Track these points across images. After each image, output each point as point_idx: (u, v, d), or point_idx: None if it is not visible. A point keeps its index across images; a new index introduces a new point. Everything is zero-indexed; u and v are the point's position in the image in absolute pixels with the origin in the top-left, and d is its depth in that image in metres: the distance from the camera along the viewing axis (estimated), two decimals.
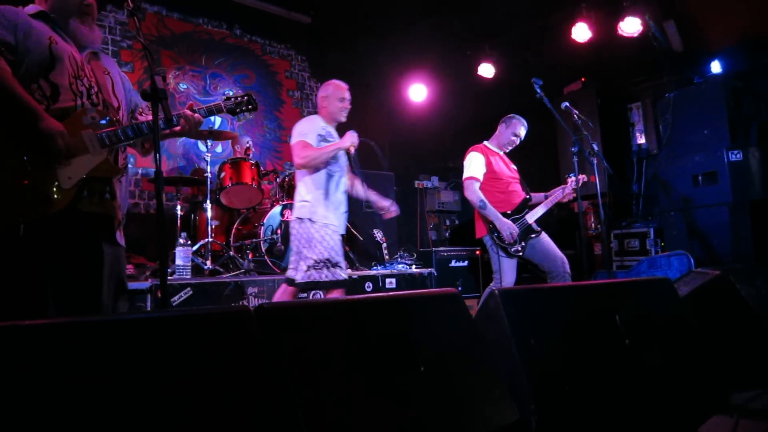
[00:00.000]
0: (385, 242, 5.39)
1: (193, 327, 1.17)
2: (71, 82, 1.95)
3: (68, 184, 1.87)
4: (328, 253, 3.19)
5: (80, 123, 1.92)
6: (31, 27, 1.92)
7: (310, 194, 3.29)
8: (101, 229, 2.00)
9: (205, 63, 5.98)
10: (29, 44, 1.89)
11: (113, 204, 2.02)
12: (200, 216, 4.64)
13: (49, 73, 1.90)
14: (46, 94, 1.90)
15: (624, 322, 1.77)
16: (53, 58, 1.91)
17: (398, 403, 1.34)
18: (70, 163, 1.87)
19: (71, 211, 1.88)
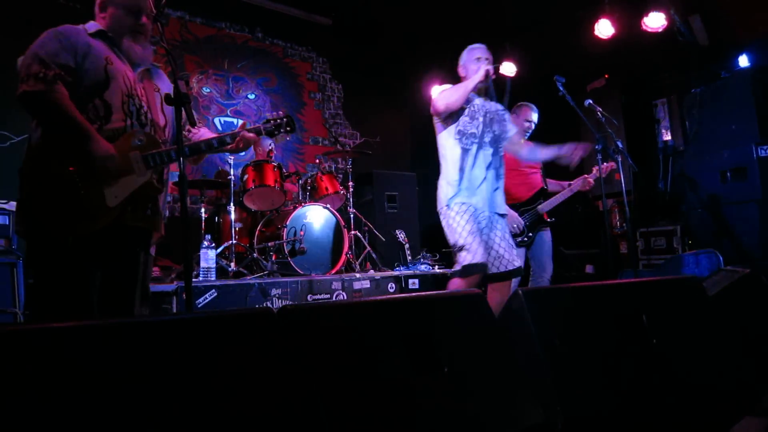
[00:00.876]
0: (407, 243, 5.39)
1: (217, 328, 1.18)
2: (123, 101, 2.03)
3: (114, 203, 1.96)
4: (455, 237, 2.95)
5: (128, 144, 2.00)
6: (89, 47, 2.00)
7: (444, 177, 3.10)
8: (140, 241, 2.10)
9: (228, 67, 6.04)
10: (87, 65, 1.97)
11: (154, 219, 2.11)
12: (224, 218, 4.68)
13: (104, 93, 1.99)
14: (100, 114, 1.98)
15: (651, 322, 1.75)
16: (108, 78, 1.99)
17: (421, 404, 1.34)
18: (117, 183, 1.97)
19: (116, 225, 1.98)
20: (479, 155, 3.02)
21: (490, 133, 3.08)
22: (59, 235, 1.88)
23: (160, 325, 1.13)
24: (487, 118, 3.07)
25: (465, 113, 3.05)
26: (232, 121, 5.96)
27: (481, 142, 3.03)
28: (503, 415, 1.46)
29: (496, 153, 3.10)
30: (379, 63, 6.89)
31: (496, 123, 3.11)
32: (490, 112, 3.11)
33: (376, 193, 5.84)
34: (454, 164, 3.05)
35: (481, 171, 3.01)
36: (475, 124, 3.05)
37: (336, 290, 4.09)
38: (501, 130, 3.15)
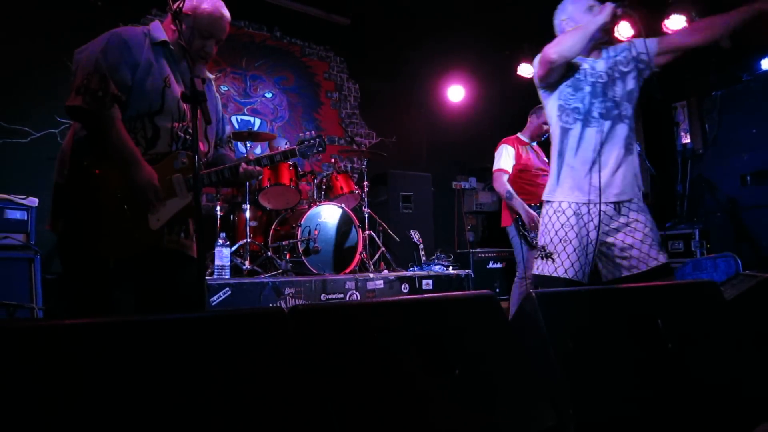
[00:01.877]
0: (421, 243, 5.39)
1: (228, 328, 1.19)
2: (174, 126, 2.03)
3: (156, 226, 1.97)
4: (544, 238, 2.54)
5: (171, 167, 2.02)
6: (152, 64, 1.98)
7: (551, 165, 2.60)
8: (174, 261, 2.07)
9: (246, 65, 6.07)
10: (147, 84, 1.96)
11: (185, 242, 2.11)
12: (239, 216, 4.71)
13: (156, 117, 1.99)
14: (147, 136, 1.98)
15: (666, 326, 1.73)
16: (163, 103, 1.99)
17: (432, 406, 1.33)
18: (162, 206, 1.97)
19: (154, 247, 1.98)
20: (585, 134, 2.46)
21: (604, 102, 2.46)
22: (102, 256, 1.88)
23: (169, 323, 1.14)
24: (598, 84, 2.48)
25: (567, 83, 2.50)
26: (249, 119, 6.00)
27: (587, 117, 2.46)
28: (515, 417, 1.45)
29: (616, 122, 2.47)
30: (396, 63, 6.89)
31: (613, 83, 2.48)
32: (602, 72, 2.50)
33: (391, 193, 5.85)
34: (554, 148, 2.57)
35: (589, 153, 2.44)
36: (580, 96, 2.48)
37: (349, 290, 4.10)
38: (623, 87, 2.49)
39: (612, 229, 2.45)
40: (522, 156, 4.25)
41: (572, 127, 2.49)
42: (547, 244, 2.50)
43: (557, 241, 2.46)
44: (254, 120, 6.04)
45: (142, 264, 1.97)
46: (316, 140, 2.37)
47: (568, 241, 2.44)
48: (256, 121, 6.05)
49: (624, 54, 2.53)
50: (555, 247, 2.46)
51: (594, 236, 2.43)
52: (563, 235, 2.45)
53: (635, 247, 2.40)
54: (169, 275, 2.05)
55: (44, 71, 4.42)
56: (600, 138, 2.44)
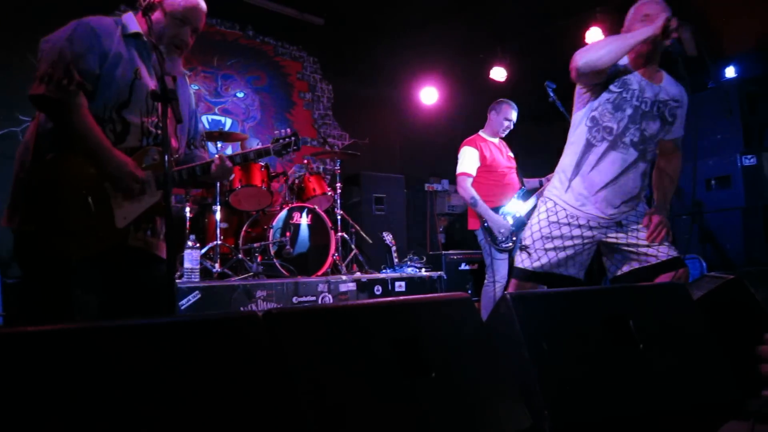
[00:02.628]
0: (394, 245, 5.38)
1: (202, 332, 1.16)
2: (143, 121, 1.96)
3: (123, 224, 1.90)
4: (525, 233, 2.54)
5: (141, 163, 1.95)
6: (122, 55, 1.91)
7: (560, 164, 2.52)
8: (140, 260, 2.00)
9: (217, 64, 5.99)
10: (116, 74, 1.89)
11: (152, 241, 2.03)
12: (209, 218, 4.63)
13: (124, 110, 1.91)
14: (116, 131, 1.91)
15: (638, 327, 1.75)
16: (131, 96, 1.92)
17: (409, 409, 1.32)
18: (127, 203, 1.90)
19: (120, 246, 1.91)
20: (607, 157, 2.34)
21: (637, 132, 2.32)
22: (63, 254, 1.81)
23: (140, 329, 1.11)
24: (640, 110, 2.30)
25: (609, 97, 2.33)
26: (220, 119, 5.92)
27: (616, 140, 2.32)
28: (491, 420, 1.44)
29: (642, 158, 2.36)
30: (370, 65, 6.88)
31: (652, 118, 2.32)
32: (649, 101, 2.33)
33: (364, 195, 5.84)
34: (572, 156, 2.45)
35: (603, 177, 2.35)
36: (617, 117, 2.31)
37: (322, 292, 4.07)
38: (660, 127, 2.36)
39: (614, 231, 2.44)
40: (486, 157, 4.17)
41: (598, 146, 2.38)
42: (526, 238, 2.51)
43: (538, 237, 2.46)
44: (225, 120, 5.96)
45: (106, 263, 1.90)
46: (291, 138, 2.31)
47: (550, 239, 2.44)
48: (227, 121, 5.97)
49: (675, 103, 2.40)
50: (534, 242, 2.47)
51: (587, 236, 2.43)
52: (547, 233, 2.45)
53: (642, 245, 2.40)
54: (135, 275, 1.98)
55: (5, 67, 4.29)
56: (622, 166, 2.34)
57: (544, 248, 2.45)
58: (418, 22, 6.23)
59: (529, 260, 2.48)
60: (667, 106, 2.39)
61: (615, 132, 2.33)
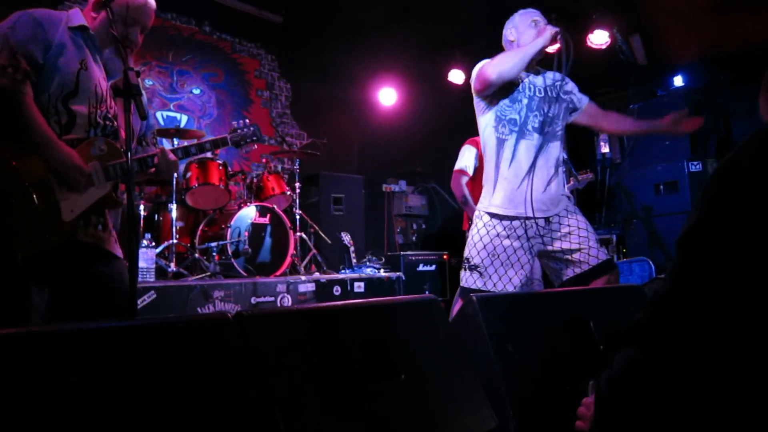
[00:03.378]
0: (352, 245, 5.37)
1: (170, 335, 1.13)
2: (91, 112, 1.89)
3: (70, 217, 1.82)
4: (470, 250, 2.56)
5: (87, 153, 1.87)
6: (64, 47, 1.84)
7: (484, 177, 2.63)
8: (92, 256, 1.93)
9: (173, 59, 5.84)
10: (60, 63, 1.82)
11: (103, 236, 1.96)
12: (164, 216, 4.52)
13: (70, 100, 1.84)
14: (61, 122, 1.84)
15: (598, 329, 1.80)
16: (77, 86, 1.85)
17: (379, 410, 1.32)
18: (74, 195, 1.82)
19: (68, 240, 1.83)
20: (519, 146, 2.51)
21: (539, 117, 2.54)
22: (8, 251, 1.72)
23: (104, 332, 1.07)
24: (535, 98, 2.56)
25: (505, 95, 2.56)
26: (175, 116, 5.78)
27: (522, 129, 2.52)
28: (458, 420, 1.46)
29: (549, 139, 2.55)
30: (328, 64, 6.85)
31: (549, 101, 2.57)
32: (540, 88, 2.59)
33: (323, 195, 5.80)
34: (489, 160, 2.59)
35: (522, 166, 2.50)
36: (517, 108, 2.53)
37: (281, 293, 4.02)
38: (557, 108, 2.59)
39: (549, 238, 2.53)
40: None
41: (507, 138, 2.53)
42: (473, 257, 2.55)
43: (485, 255, 2.51)
44: (181, 116, 5.82)
45: (54, 259, 1.82)
46: (250, 128, 2.24)
47: (496, 256, 2.49)
48: (182, 118, 5.83)
49: (560, 82, 2.61)
50: (482, 261, 2.51)
51: (526, 247, 2.51)
52: (491, 250, 2.50)
53: (575, 249, 2.50)
54: (87, 272, 1.90)
55: None
56: (534, 152, 2.50)
57: (493, 265, 2.50)
58: (377, 23, 6.24)
59: (481, 280, 2.51)
60: (555, 87, 2.60)
61: (518, 122, 2.53)
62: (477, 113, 2.69)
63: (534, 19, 2.63)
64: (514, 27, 2.67)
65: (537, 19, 2.63)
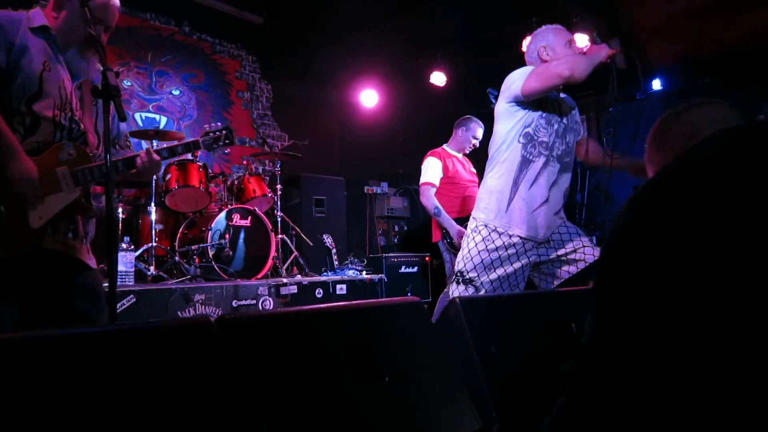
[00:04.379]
0: (334, 247, 5.36)
1: (153, 339, 1.11)
2: (55, 114, 1.84)
3: (38, 224, 1.77)
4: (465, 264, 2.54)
5: (56, 159, 1.82)
6: (27, 46, 1.79)
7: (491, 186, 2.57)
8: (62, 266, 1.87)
9: (152, 60, 5.78)
10: (23, 64, 1.77)
11: (74, 244, 1.90)
12: (143, 219, 4.46)
13: (33, 103, 1.79)
14: (25, 124, 1.78)
15: (580, 329, 1.81)
16: (41, 87, 1.80)
17: (363, 413, 1.32)
18: (42, 202, 1.77)
19: (35, 249, 1.78)
20: (544, 171, 2.48)
21: (562, 146, 2.53)
22: None
23: (82, 337, 1.05)
24: (561, 125, 2.54)
25: (542, 113, 2.50)
26: (154, 117, 5.71)
27: (549, 155, 2.49)
28: (442, 422, 1.46)
29: (564, 170, 2.55)
30: (310, 65, 6.83)
31: (570, 132, 2.56)
32: (567, 115, 2.57)
33: (304, 197, 5.78)
34: (506, 174, 2.53)
35: (542, 191, 2.48)
36: (549, 132, 2.49)
37: (262, 295, 4.00)
38: (573, 138, 2.58)
39: (545, 249, 2.56)
40: (449, 168, 4.20)
41: (535, 161, 2.49)
42: (469, 270, 2.52)
43: (482, 269, 2.49)
44: (160, 118, 5.76)
45: (22, 268, 1.76)
46: (222, 132, 2.22)
47: (494, 270, 2.48)
48: (162, 119, 5.77)
49: (575, 110, 2.64)
50: (479, 274, 2.49)
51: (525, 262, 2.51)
52: (489, 264, 2.49)
53: (570, 251, 2.54)
54: (56, 281, 1.84)
55: None
56: (553, 179, 2.50)
57: (489, 279, 2.49)
58: (358, 25, 6.24)
59: (476, 293, 2.50)
60: (573, 115, 2.64)
61: (548, 147, 2.49)
62: (500, 123, 2.59)
63: (569, 39, 2.60)
64: (549, 47, 2.58)
65: (571, 38, 2.61)
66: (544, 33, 2.66)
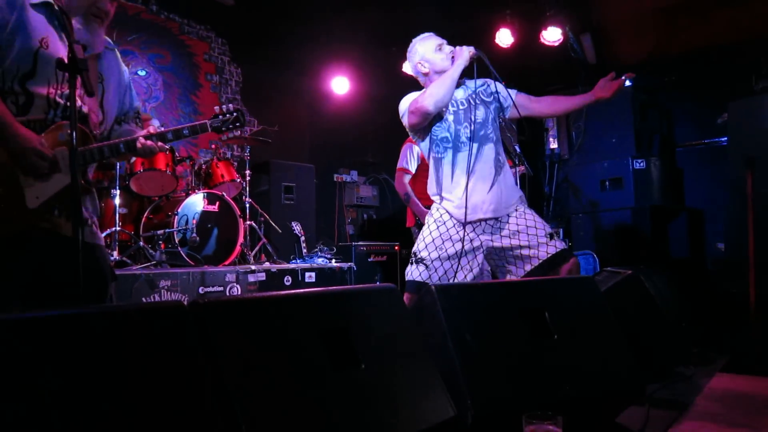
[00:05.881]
0: (303, 235, 5.31)
1: (124, 324, 1.07)
2: (50, 92, 1.76)
3: (34, 204, 1.71)
4: (418, 244, 2.64)
5: (55, 139, 1.76)
6: (26, 21, 1.71)
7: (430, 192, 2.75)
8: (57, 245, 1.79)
9: (117, 39, 5.57)
10: (17, 41, 1.69)
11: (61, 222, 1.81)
12: (106, 203, 4.32)
13: (27, 81, 1.72)
14: (18, 103, 1.72)
15: (553, 318, 1.82)
16: (36, 65, 1.72)
17: (339, 400, 1.30)
18: (39, 182, 1.72)
19: (32, 228, 1.72)
20: (457, 159, 2.61)
21: (468, 126, 2.61)
22: None
23: (56, 320, 1.00)
24: (459, 111, 2.64)
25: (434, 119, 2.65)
26: None
27: (456, 143, 2.61)
28: (417, 410, 1.45)
29: (483, 143, 2.62)
30: (281, 50, 6.71)
31: (474, 109, 2.63)
32: (462, 100, 2.66)
33: (273, 183, 5.70)
34: (431, 180, 2.72)
35: (462, 176, 2.58)
36: (445, 126, 2.63)
37: (230, 282, 3.93)
38: (484, 112, 2.65)
39: (498, 236, 2.59)
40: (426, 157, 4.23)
41: (444, 156, 2.64)
42: (420, 251, 2.61)
43: (432, 249, 2.56)
44: None
45: (16, 248, 1.71)
46: (233, 114, 2.13)
47: (444, 250, 2.55)
48: None
49: (484, 87, 2.69)
50: (429, 254, 2.56)
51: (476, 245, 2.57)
52: (439, 244, 2.56)
53: (524, 246, 2.55)
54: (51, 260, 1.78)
55: None
56: (470, 159, 2.57)
57: (439, 258, 2.55)
58: (331, 11, 6.16)
59: (426, 273, 2.56)
60: (477, 94, 2.67)
61: (450, 138, 2.62)
62: (421, 147, 2.78)
63: (438, 43, 2.70)
64: (422, 59, 2.71)
65: (440, 42, 2.70)
66: (413, 49, 2.77)
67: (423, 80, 2.77)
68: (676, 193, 5.26)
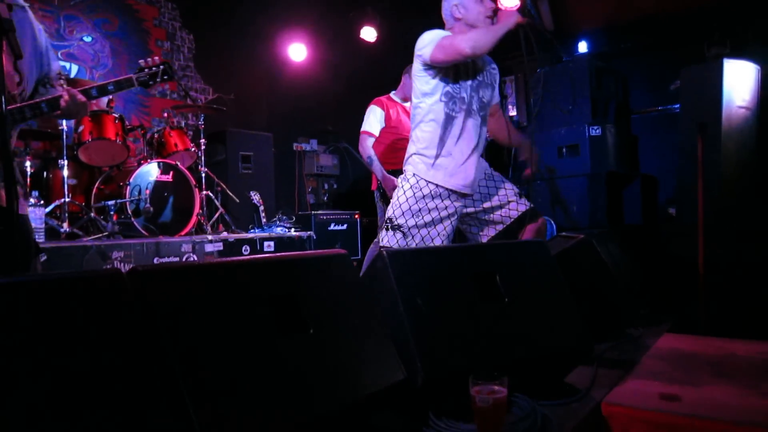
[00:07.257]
0: (262, 204, 5.24)
1: (57, 293, 1.03)
2: None
3: None
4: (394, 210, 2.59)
5: None
6: None
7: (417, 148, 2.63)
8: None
9: (59, 3, 5.33)
10: None
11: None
12: (54, 174, 4.18)
13: None
14: None
15: (504, 282, 1.84)
16: None
17: (286, 366, 1.28)
18: None
19: None
20: (467, 125, 2.57)
21: (478, 101, 2.62)
22: None
23: None
24: (476, 80, 2.61)
25: (457, 70, 2.57)
26: (64, 65, 5.30)
27: (469, 109, 2.57)
28: (367, 373, 1.45)
29: (483, 123, 2.66)
30: (235, 15, 6.51)
31: (485, 87, 2.65)
32: (481, 72, 2.64)
33: (230, 153, 5.59)
34: (432, 132, 2.59)
35: (468, 144, 2.57)
36: (465, 87, 2.58)
37: (186, 253, 3.86)
38: (489, 95, 2.68)
39: (471, 200, 2.64)
40: (392, 118, 4.13)
41: (457, 116, 2.56)
42: (397, 217, 2.57)
43: (410, 216, 2.55)
44: (71, 66, 5.36)
45: None
46: (159, 67, 2.05)
47: (421, 217, 2.54)
48: (72, 68, 5.37)
49: (494, 70, 2.71)
50: (407, 221, 2.55)
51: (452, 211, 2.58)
52: (417, 211, 2.55)
53: (496, 207, 2.63)
54: None
55: None
56: (477, 132, 2.60)
57: (416, 225, 2.55)
58: None
59: (404, 240, 2.56)
60: (490, 72, 2.70)
61: (467, 101, 2.58)
62: (418, 82, 2.63)
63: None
64: (461, 5, 2.61)
65: None
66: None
67: (451, 24, 2.67)
68: (631, 160, 5.35)
